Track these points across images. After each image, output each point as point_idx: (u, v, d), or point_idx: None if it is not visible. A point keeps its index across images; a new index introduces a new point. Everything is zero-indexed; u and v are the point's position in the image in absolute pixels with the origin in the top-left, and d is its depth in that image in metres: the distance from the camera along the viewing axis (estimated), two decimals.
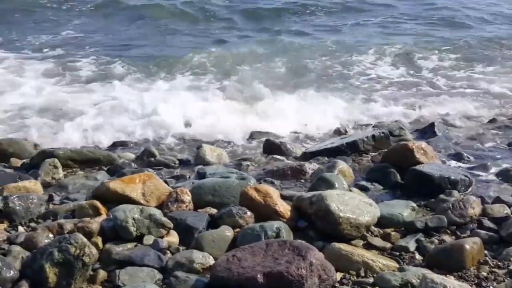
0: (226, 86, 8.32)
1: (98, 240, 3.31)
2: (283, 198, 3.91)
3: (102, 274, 3.06)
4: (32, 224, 3.70)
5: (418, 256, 3.41)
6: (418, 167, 4.58)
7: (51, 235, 3.31)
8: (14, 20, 12.57)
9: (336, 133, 6.57)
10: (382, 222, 3.74)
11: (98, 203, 3.71)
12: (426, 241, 3.54)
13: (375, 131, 5.91)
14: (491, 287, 3.07)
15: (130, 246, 3.30)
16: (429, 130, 6.40)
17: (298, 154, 5.78)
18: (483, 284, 3.09)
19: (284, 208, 3.69)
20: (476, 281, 3.12)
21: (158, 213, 3.50)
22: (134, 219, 3.38)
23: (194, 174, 4.97)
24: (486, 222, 3.75)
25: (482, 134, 6.25)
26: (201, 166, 5.23)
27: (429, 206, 4.17)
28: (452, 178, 4.45)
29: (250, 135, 6.49)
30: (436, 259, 3.29)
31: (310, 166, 5.00)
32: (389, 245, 3.52)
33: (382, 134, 5.80)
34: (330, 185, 4.20)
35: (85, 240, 3.00)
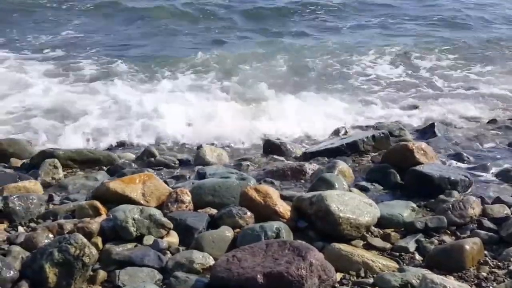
0: (228, 87, 8.31)
1: (98, 240, 3.32)
2: (283, 198, 3.91)
3: (102, 275, 3.06)
4: (32, 224, 3.70)
5: (418, 256, 3.41)
6: (418, 168, 4.58)
7: (51, 235, 3.31)
8: (14, 20, 12.56)
9: (336, 133, 6.56)
10: (382, 222, 3.74)
11: (98, 203, 3.71)
12: (426, 241, 3.54)
13: (375, 132, 5.92)
14: (491, 287, 3.08)
15: (130, 246, 3.30)
16: (429, 130, 6.40)
17: (298, 154, 5.78)
18: (483, 284, 3.09)
19: (284, 208, 3.69)
20: (476, 281, 3.12)
21: (158, 213, 3.50)
22: (134, 219, 3.38)
23: (194, 174, 4.97)
24: (486, 223, 3.76)
25: (482, 135, 6.24)
26: (201, 166, 5.23)
27: (429, 206, 4.17)
28: (452, 178, 4.45)
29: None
30: (436, 260, 3.29)
31: (310, 167, 5.00)
32: (389, 245, 3.53)
33: (382, 135, 5.80)
34: (330, 185, 4.21)
35: (85, 240, 3.00)
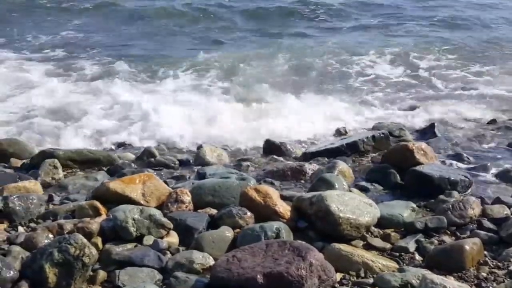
0: (228, 87, 8.31)
1: (98, 240, 3.32)
2: (283, 198, 3.91)
3: (102, 275, 3.06)
4: (32, 224, 3.70)
5: (418, 256, 3.41)
6: (418, 168, 4.58)
7: (51, 236, 3.31)
8: (14, 20, 12.58)
9: (336, 133, 6.56)
10: (382, 222, 3.74)
11: (98, 204, 3.72)
12: (426, 241, 3.54)
13: (375, 132, 5.92)
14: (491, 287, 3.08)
15: (130, 246, 3.30)
16: (429, 130, 6.40)
17: (298, 154, 5.78)
18: (483, 284, 3.09)
19: (284, 208, 3.69)
20: (475, 281, 3.12)
21: (158, 213, 3.50)
22: (134, 220, 3.38)
23: (194, 175, 4.97)
24: (486, 223, 3.76)
25: (482, 135, 6.24)
26: (201, 166, 5.23)
27: (429, 206, 4.17)
28: (452, 178, 4.45)
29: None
30: (436, 260, 3.29)
31: (310, 167, 5.00)
32: (389, 245, 3.53)
33: (382, 135, 5.81)
34: (330, 185, 4.21)
35: (85, 240, 3.00)
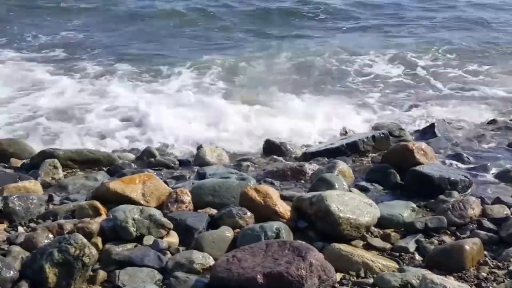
0: (229, 88, 8.31)
1: (98, 240, 3.32)
2: (283, 198, 3.91)
3: (102, 275, 3.06)
4: (32, 224, 3.70)
5: (418, 256, 3.41)
6: (418, 168, 4.58)
7: (51, 236, 3.31)
8: (14, 20, 12.57)
9: (340, 134, 6.51)
10: (382, 222, 3.74)
11: (98, 204, 3.72)
12: (426, 241, 3.54)
13: (375, 132, 5.92)
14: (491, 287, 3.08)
15: (130, 246, 3.30)
16: (429, 130, 6.40)
17: (298, 154, 5.78)
18: (483, 284, 3.09)
19: (284, 208, 3.69)
20: (475, 281, 3.12)
21: (158, 213, 3.50)
22: (134, 220, 3.38)
23: (194, 175, 4.97)
24: (486, 223, 3.76)
25: (482, 135, 6.24)
26: (201, 166, 5.23)
27: (429, 206, 4.17)
28: (452, 178, 4.45)
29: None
30: (436, 260, 3.29)
31: (310, 167, 5.00)
32: (389, 245, 3.53)
33: (382, 135, 5.81)
34: (330, 185, 4.21)
35: (85, 240, 3.00)
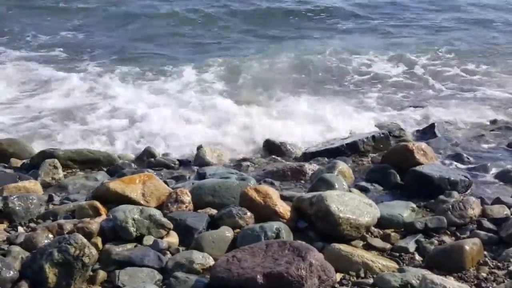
0: (230, 88, 8.31)
1: (98, 240, 3.32)
2: (283, 198, 3.92)
3: (101, 275, 3.07)
4: (32, 224, 3.70)
5: (417, 257, 3.41)
6: (418, 168, 4.58)
7: (51, 236, 3.32)
8: (14, 19, 12.56)
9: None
10: (382, 222, 3.75)
11: (98, 204, 3.72)
12: (426, 242, 3.54)
13: (375, 132, 5.92)
14: None
15: (130, 246, 3.31)
16: (429, 131, 6.39)
17: (298, 154, 5.78)
18: (483, 285, 3.09)
19: (284, 208, 3.69)
20: (475, 282, 3.13)
21: (158, 213, 3.50)
22: (134, 220, 3.39)
23: (194, 175, 4.98)
24: (486, 223, 3.76)
25: (482, 135, 6.24)
26: (201, 166, 5.23)
27: (429, 207, 4.18)
28: (452, 179, 4.45)
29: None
30: (435, 260, 3.29)
31: (310, 167, 5.01)
32: (389, 245, 3.53)
33: (382, 135, 5.81)
34: (330, 185, 4.21)
35: (84, 240, 3.00)
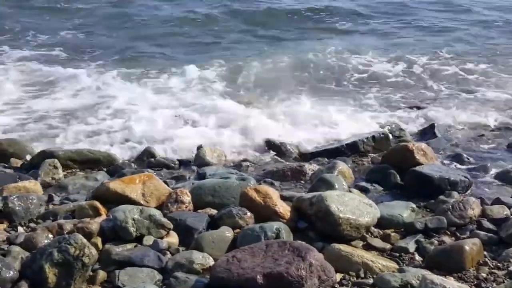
0: (230, 89, 8.30)
1: (98, 240, 3.32)
2: (283, 199, 3.92)
3: (101, 275, 3.06)
4: (31, 224, 3.70)
5: (417, 257, 3.41)
6: (418, 168, 4.58)
7: (51, 236, 3.32)
8: (13, 19, 12.56)
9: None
10: (382, 223, 3.75)
11: (98, 204, 3.72)
12: (426, 242, 3.54)
13: (375, 132, 5.92)
14: None
15: (129, 246, 3.30)
16: (429, 131, 6.39)
17: (298, 154, 5.78)
18: (483, 285, 3.09)
19: (284, 209, 3.69)
20: (475, 282, 3.13)
21: (158, 213, 3.50)
22: (134, 220, 3.39)
23: (194, 175, 4.98)
24: (486, 223, 3.76)
25: (482, 136, 6.24)
26: (201, 166, 5.23)
27: (429, 207, 4.18)
28: (452, 179, 4.45)
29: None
30: (435, 260, 3.30)
31: (310, 167, 5.01)
32: (388, 246, 3.53)
33: (382, 135, 5.81)
34: (330, 186, 4.21)
35: (84, 240, 3.00)
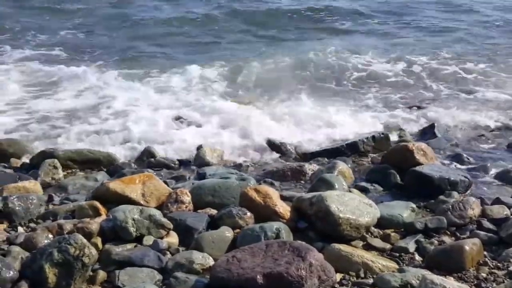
0: (230, 89, 8.31)
1: (98, 240, 3.32)
2: (283, 199, 3.92)
3: (101, 275, 3.06)
4: (31, 224, 3.70)
5: (417, 257, 3.41)
6: (418, 168, 4.58)
7: (51, 236, 3.32)
8: (13, 19, 12.56)
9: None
10: (382, 223, 3.75)
11: (98, 204, 3.72)
12: (426, 242, 3.54)
13: (375, 132, 5.92)
14: None
15: (129, 246, 3.31)
16: (429, 131, 6.39)
17: (298, 154, 5.78)
18: (483, 285, 3.09)
19: (284, 209, 3.69)
20: (475, 282, 3.13)
21: (158, 213, 3.50)
22: (134, 220, 3.39)
23: (194, 175, 4.98)
24: (486, 223, 3.76)
25: (482, 136, 6.25)
26: (201, 166, 5.23)
27: (428, 207, 4.18)
28: (451, 179, 4.45)
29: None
30: (435, 260, 3.29)
31: (310, 167, 5.01)
32: (388, 246, 3.53)
33: (382, 135, 5.81)
34: (330, 186, 4.21)
35: (84, 240, 3.00)
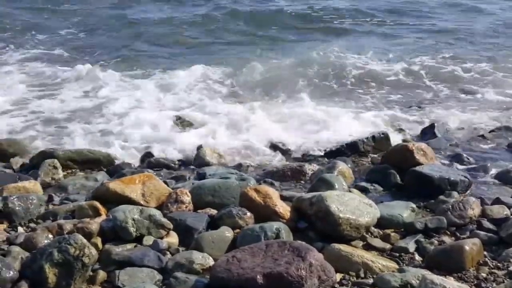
0: (230, 89, 8.31)
1: (98, 240, 3.32)
2: (283, 199, 3.92)
3: (101, 275, 3.07)
4: (31, 224, 3.70)
5: (417, 257, 3.41)
6: (418, 168, 4.58)
7: (51, 236, 3.32)
8: (13, 19, 12.57)
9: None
10: (382, 223, 3.75)
11: (97, 204, 3.72)
12: (426, 242, 3.54)
13: (375, 132, 5.92)
14: None
15: (129, 246, 3.31)
16: (429, 131, 6.39)
17: (298, 155, 5.78)
18: (483, 285, 3.09)
19: (284, 209, 3.69)
20: (475, 282, 3.13)
21: (158, 213, 3.50)
22: (133, 220, 3.39)
23: (194, 175, 4.97)
24: (486, 223, 3.76)
25: (482, 136, 6.24)
26: (201, 166, 5.23)
27: (428, 207, 4.18)
28: (451, 179, 4.45)
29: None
30: (435, 260, 3.29)
31: (310, 167, 5.01)
32: (388, 246, 3.53)
33: (382, 135, 5.81)
34: (330, 186, 4.21)
35: (84, 240, 3.00)
